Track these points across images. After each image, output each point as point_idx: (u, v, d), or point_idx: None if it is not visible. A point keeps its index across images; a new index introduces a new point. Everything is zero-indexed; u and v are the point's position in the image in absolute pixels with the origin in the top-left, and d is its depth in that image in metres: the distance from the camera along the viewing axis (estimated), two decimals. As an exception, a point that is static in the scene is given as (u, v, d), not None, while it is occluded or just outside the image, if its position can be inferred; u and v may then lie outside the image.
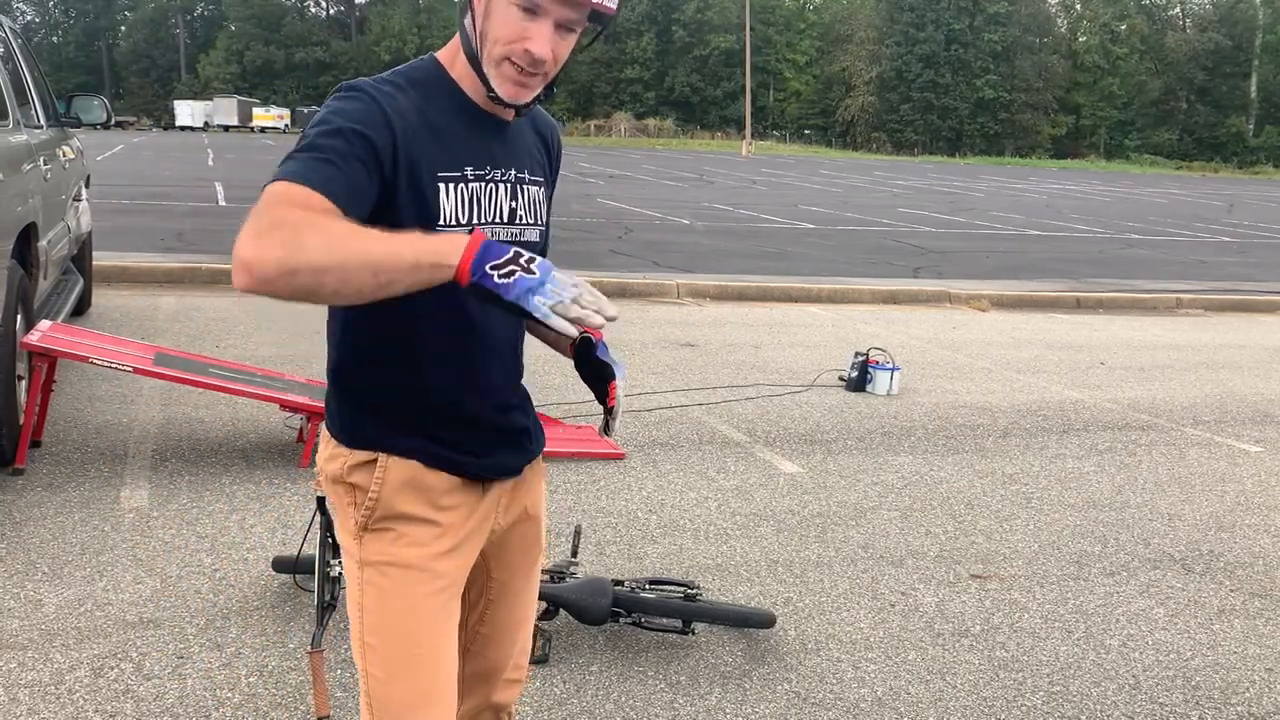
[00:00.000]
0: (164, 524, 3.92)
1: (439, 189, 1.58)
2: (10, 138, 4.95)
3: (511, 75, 1.56)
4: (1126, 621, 3.62)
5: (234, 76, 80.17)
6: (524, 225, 1.71)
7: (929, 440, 5.67)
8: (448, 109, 1.61)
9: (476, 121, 1.64)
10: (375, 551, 1.66)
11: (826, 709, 2.96)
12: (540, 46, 1.54)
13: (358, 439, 1.68)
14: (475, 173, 1.62)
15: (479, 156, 1.63)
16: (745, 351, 7.68)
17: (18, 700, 2.74)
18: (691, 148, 62.96)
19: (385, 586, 1.65)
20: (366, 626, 1.66)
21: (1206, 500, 4.96)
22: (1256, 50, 74.28)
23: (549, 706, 2.87)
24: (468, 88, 1.63)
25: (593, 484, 4.64)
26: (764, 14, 76.20)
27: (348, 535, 1.70)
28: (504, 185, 1.66)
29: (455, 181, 1.60)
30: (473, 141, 1.63)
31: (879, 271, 12.07)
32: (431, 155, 1.57)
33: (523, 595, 1.86)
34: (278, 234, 1.32)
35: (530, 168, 1.73)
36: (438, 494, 1.67)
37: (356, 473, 1.67)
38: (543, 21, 1.53)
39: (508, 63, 1.56)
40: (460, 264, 1.34)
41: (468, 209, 1.61)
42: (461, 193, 1.60)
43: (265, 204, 1.38)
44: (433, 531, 1.66)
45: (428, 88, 1.61)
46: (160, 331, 7.07)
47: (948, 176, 40.84)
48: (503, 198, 1.66)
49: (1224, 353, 8.74)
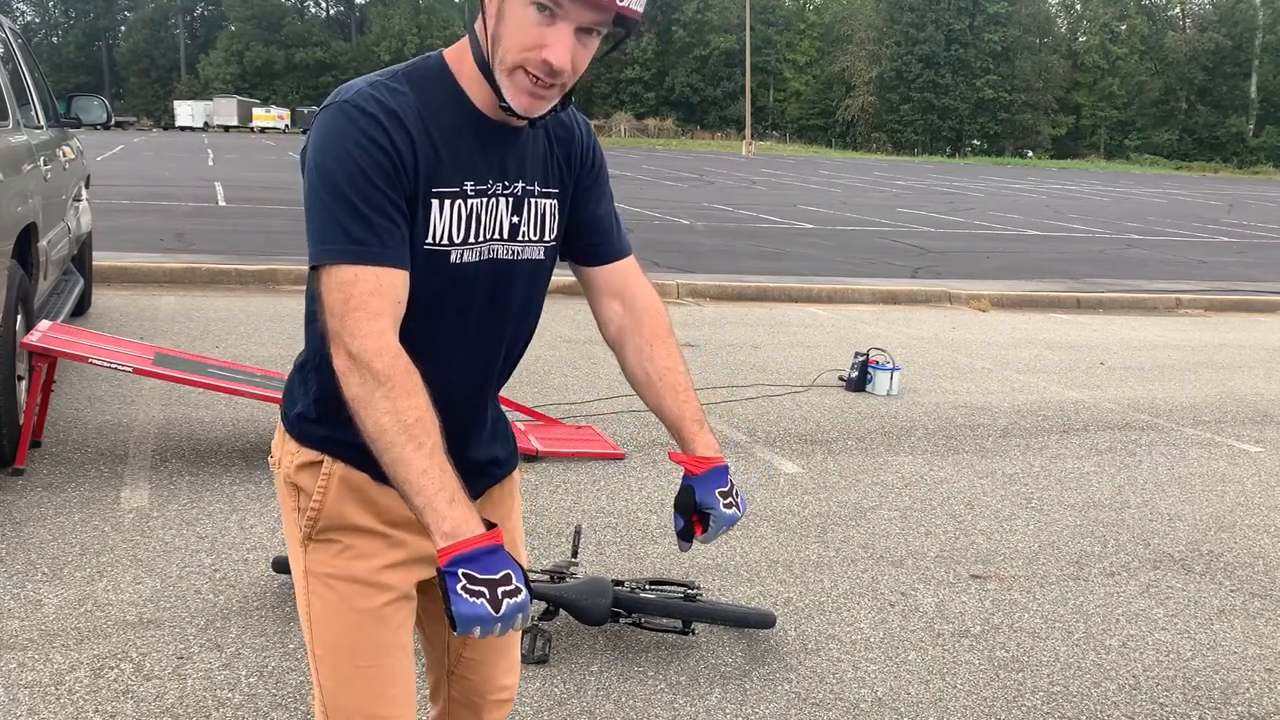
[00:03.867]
0: (164, 524, 3.92)
1: (431, 205, 1.48)
2: (10, 138, 4.95)
3: (526, 86, 1.44)
4: (1126, 622, 3.62)
5: (234, 77, 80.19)
6: (525, 242, 1.60)
7: (929, 440, 5.67)
8: (451, 117, 1.50)
9: (482, 131, 1.52)
10: (320, 563, 1.59)
11: (826, 709, 2.96)
12: (559, 55, 1.40)
13: (307, 436, 1.60)
14: (475, 188, 1.52)
15: (481, 170, 1.52)
16: (745, 351, 7.67)
17: (18, 700, 2.74)
18: (691, 148, 62.95)
19: (332, 600, 1.58)
20: (315, 638, 1.61)
21: (1206, 500, 4.96)
22: (1256, 50, 74.27)
23: (549, 707, 2.87)
24: (475, 95, 1.51)
25: (593, 484, 4.64)
26: (764, 14, 76.19)
27: (293, 541, 1.63)
28: (506, 199, 1.56)
29: (451, 198, 1.50)
30: (475, 154, 1.52)
31: (879, 271, 12.07)
32: (429, 169, 1.48)
33: None
34: (361, 374, 1.38)
35: (542, 178, 1.61)
36: (384, 509, 1.59)
37: (302, 474, 1.60)
38: (561, 26, 1.40)
39: (522, 72, 1.43)
40: (441, 549, 1.32)
41: (463, 227, 1.51)
42: (458, 209, 1.51)
43: (339, 304, 1.40)
44: (381, 543, 1.59)
45: (431, 92, 1.50)
46: (160, 332, 7.07)
47: (947, 176, 40.84)
48: (504, 213, 1.56)
49: (1224, 353, 8.74)
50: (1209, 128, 74.34)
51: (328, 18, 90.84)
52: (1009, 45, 73.90)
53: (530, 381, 6.21)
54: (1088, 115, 76.53)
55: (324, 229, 1.43)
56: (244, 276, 9.33)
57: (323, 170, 1.43)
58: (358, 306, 1.40)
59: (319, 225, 1.43)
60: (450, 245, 1.51)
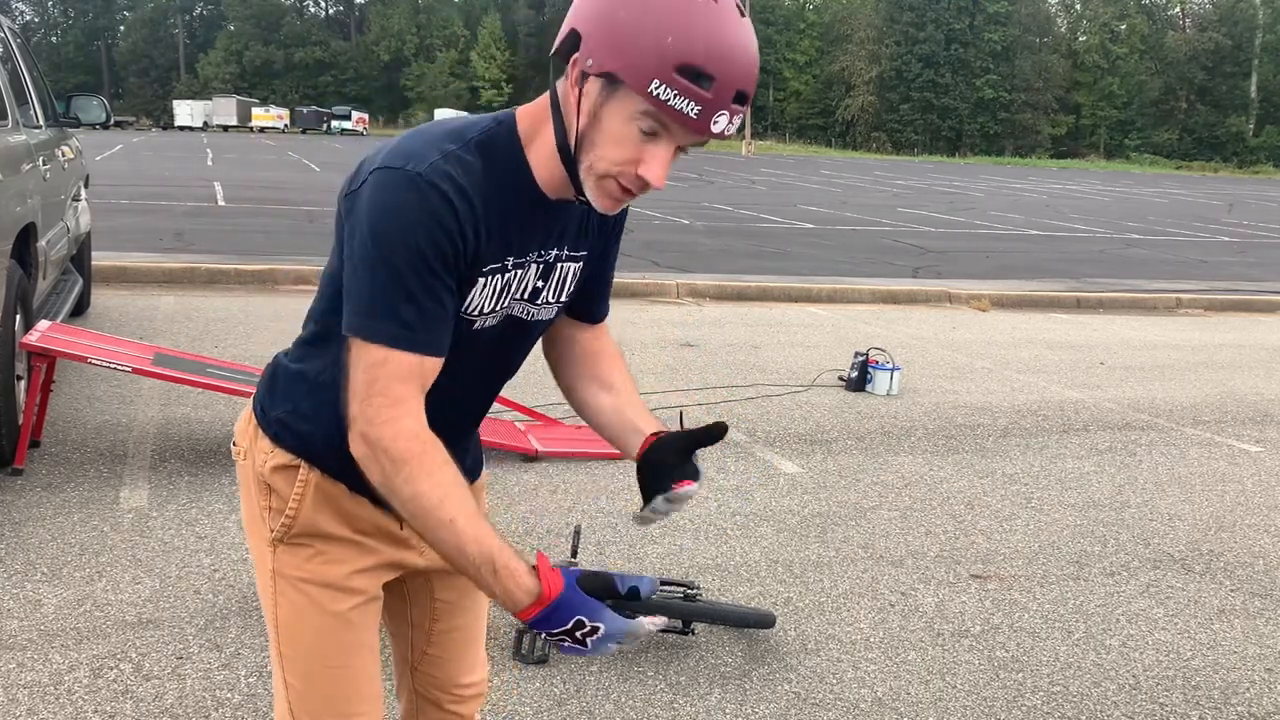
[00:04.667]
0: (163, 524, 3.92)
1: (477, 282, 1.46)
2: (9, 138, 4.95)
3: (613, 192, 1.41)
4: (1126, 621, 3.62)
5: (233, 76, 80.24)
6: (541, 304, 1.59)
7: (929, 440, 5.66)
8: (514, 196, 1.46)
9: (537, 208, 1.48)
10: (290, 565, 1.58)
11: (826, 709, 2.95)
12: (657, 175, 1.37)
13: (285, 435, 1.58)
14: (515, 261, 1.50)
15: (526, 243, 1.50)
16: (745, 351, 7.67)
17: (17, 700, 2.74)
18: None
19: (301, 604, 1.58)
20: (282, 638, 1.61)
21: (1206, 500, 4.96)
22: (1256, 50, 74.33)
23: (549, 707, 2.87)
24: (540, 174, 1.46)
25: (593, 484, 4.63)
26: (764, 14, 76.23)
27: (258, 538, 1.61)
28: (538, 266, 1.53)
29: (494, 274, 1.48)
30: (526, 230, 1.49)
31: (879, 271, 12.07)
32: (485, 248, 1.44)
33: (471, 612, 1.80)
34: (379, 461, 1.39)
35: (574, 243, 1.58)
36: (357, 518, 1.59)
37: (277, 476, 1.57)
38: (664, 146, 1.36)
39: (613, 181, 1.39)
40: (522, 615, 1.41)
41: (495, 297, 1.50)
42: (495, 283, 1.48)
43: (364, 385, 1.39)
44: (352, 550, 1.60)
45: (500, 167, 1.44)
46: (159, 331, 7.07)
47: (947, 176, 40.85)
48: (531, 278, 1.54)
49: (1224, 352, 8.74)
50: (1209, 127, 74.39)
51: (327, 17, 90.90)
52: (1009, 45, 73.96)
53: (530, 381, 6.19)
54: (1088, 115, 76.59)
55: (370, 302, 1.39)
56: (243, 276, 9.32)
57: (383, 240, 1.37)
58: (381, 392, 1.39)
59: (365, 294, 1.39)
60: (479, 315, 1.51)
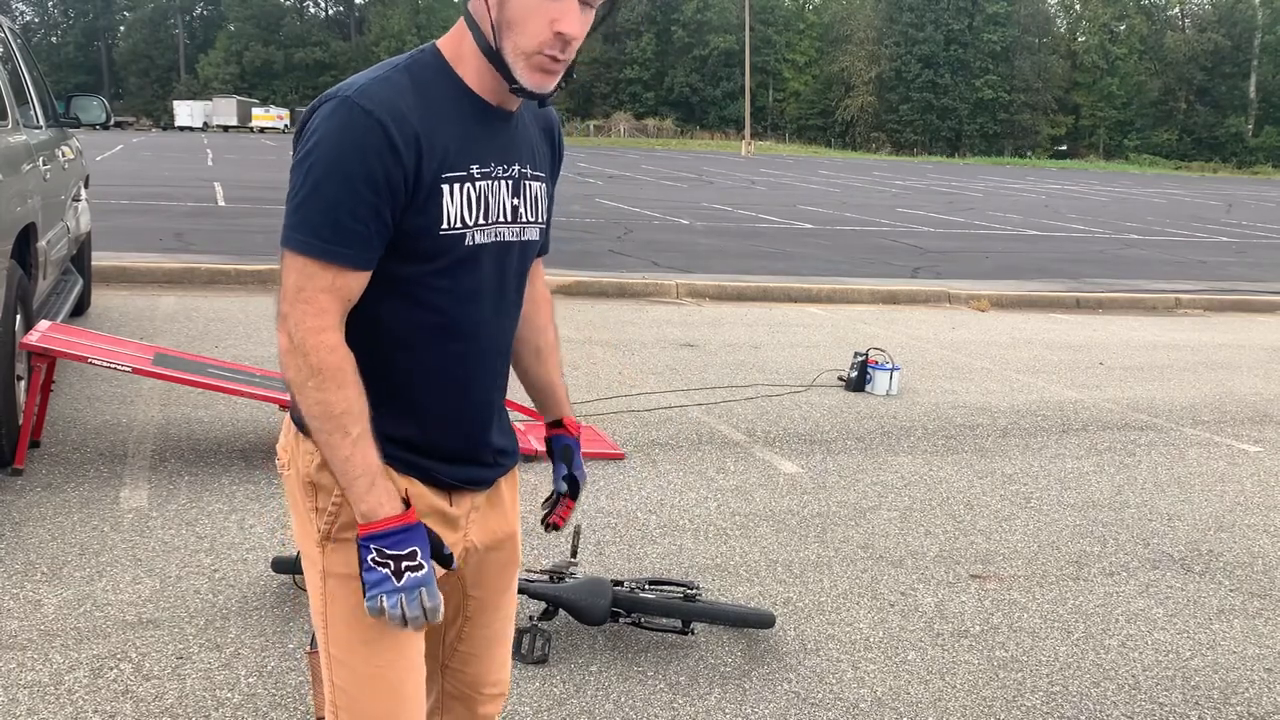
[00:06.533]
0: (163, 524, 3.92)
1: (441, 191, 1.53)
2: (9, 138, 4.95)
3: (544, 65, 1.51)
4: (1126, 621, 3.62)
5: (233, 77, 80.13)
6: (525, 223, 1.67)
7: (929, 440, 5.67)
8: (452, 105, 1.55)
9: (481, 116, 1.58)
10: (340, 563, 1.60)
11: (826, 709, 2.96)
12: (571, 24, 1.48)
13: None
14: (480, 170, 1.57)
15: (483, 153, 1.58)
16: (745, 351, 7.67)
17: (17, 701, 2.74)
18: (691, 148, 62.94)
19: (352, 603, 1.59)
20: (332, 639, 1.63)
21: (1206, 500, 4.96)
22: (1256, 50, 74.25)
23: (549, 706, 2.88)
24: (474, 82, 1.57)
25: (593, 484, 4.64)
26: (764, 14, 76.17)
27: (309, 541, 1.64)
28: (507, 182, 1.62)
29: (460, 182, 1.55)
30: (477, 139, 1.57)
31: (878, 271, 12.07)
32: (437, 157, 1.52)
33: (501, 610, 1.83)
34: (298, 361, 1.51)
35: (533, 162, 1.68)
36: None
37: (323, 472, 1.60)
38: (569, 1, 1.49)
39: (538, 55, 1.50)
40: (359, 526, 1.52)
41: (473, 209, 1.57)
42: (467, 192, 1.56)
43: (293, 289, 1.50)
44: None
45: (432, 84, 1.55)
46: (159, 332, 7.07)
47: (947, 176, 40.84)
48: (505, 195, 1.62)
49: (1223, 353, 8.74)
50: (1208, 128, 74.31)
51: (327, 18, 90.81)
52: (1008, 45, 73.87)
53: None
54: (1087, 115, 76.50)
55: (301, 216, 1.49)
56: (243, 276, 9.33)
57: (319, 160, 1.48)
58: (308, 300, 1.50)
59: (297, 207, 1.50)
60: (465, 228, 1.57)
